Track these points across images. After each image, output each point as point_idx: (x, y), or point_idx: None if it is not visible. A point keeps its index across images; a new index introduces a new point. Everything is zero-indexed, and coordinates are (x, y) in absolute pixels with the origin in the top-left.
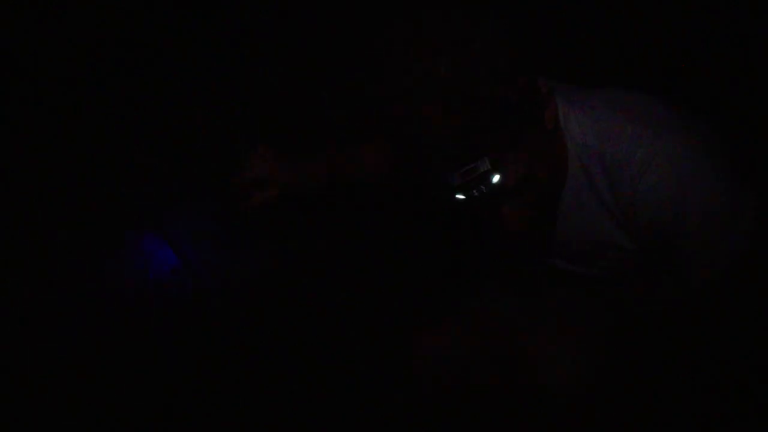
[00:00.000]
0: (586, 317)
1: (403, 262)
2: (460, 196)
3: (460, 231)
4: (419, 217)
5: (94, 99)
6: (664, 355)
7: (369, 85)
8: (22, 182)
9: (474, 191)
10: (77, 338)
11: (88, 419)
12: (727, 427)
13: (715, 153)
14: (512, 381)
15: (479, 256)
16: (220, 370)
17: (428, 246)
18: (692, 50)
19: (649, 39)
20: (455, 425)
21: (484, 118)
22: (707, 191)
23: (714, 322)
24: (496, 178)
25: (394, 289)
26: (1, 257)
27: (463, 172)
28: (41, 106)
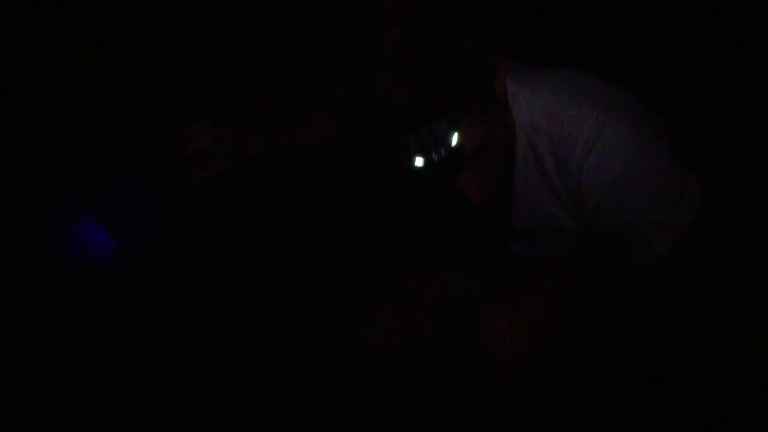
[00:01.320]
0: (537, 298)
1: (356, 235)
2: (420, 161)
3: (418, 207)
4: (375, 190)
5: (24, 85)
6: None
7: (325, 51)
8: None
9: (433, 154)
10: (16, 332)
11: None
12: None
13: (657, 133)
14: (463, 353)
15: (435, 235)
16: (165, 352)
17: (384, 219)
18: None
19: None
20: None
21: (438, 82)
22: (652, 169)
23: (664, 301)
24: (454, 140)
25: (345, 262)
26: None
27: (422, 133)
28: None
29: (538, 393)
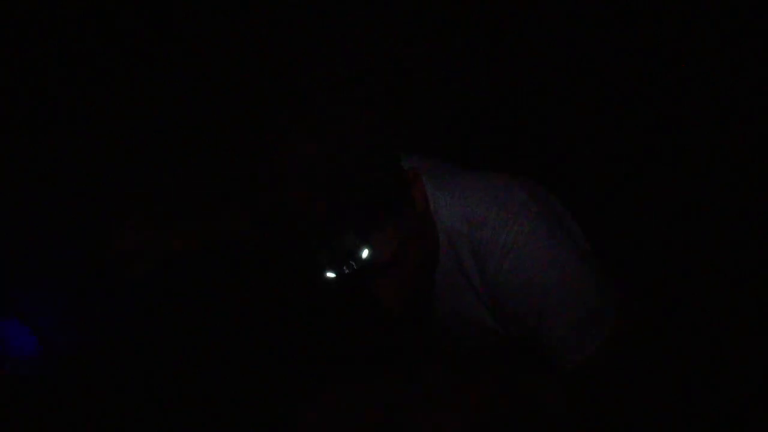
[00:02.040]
0: (473, 396)
1: (285, 335)
2: (331, 274)
3: (337, 315)
4: (298, 292)
5: None
6: None
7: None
8: None
9: (344, 267)
10: None
11: None
12: None
13: (574, 240)
14: None
15: (358, 334)
16: None
17: (312, 320)
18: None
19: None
20: None
21: (348, 196)
22: (566, 278)
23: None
24: (365, 254)
25: (274, 363)
26: None
27: (331, 248)
28: None
29: None
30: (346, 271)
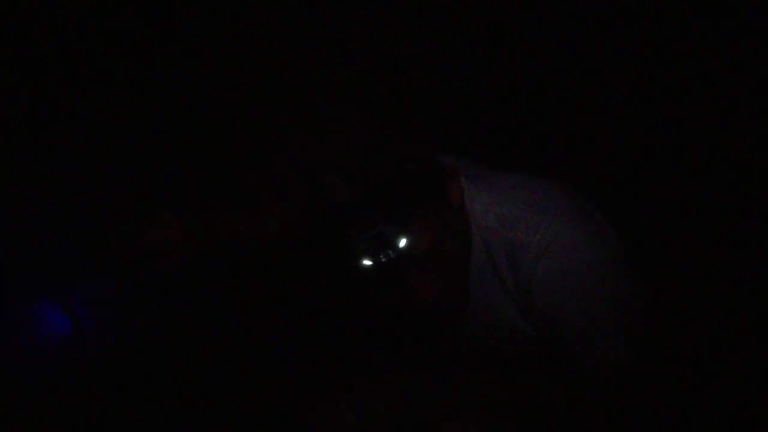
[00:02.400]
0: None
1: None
2: (368, 262)
3: (369, 306)
4: (329, 284)
5: None
6: None
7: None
8: None
9: (381, 256)
10: None
11: None
12: None
13: (607, 240)
14: None
15: (391, 332)
16: None
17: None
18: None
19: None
20: None
21: (386, 188)
22: (600, 279)
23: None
24: (402, 242)
25: (300, 359)
26: None
27: (369, 236)
28: None
29: None
30: (383, 259)
